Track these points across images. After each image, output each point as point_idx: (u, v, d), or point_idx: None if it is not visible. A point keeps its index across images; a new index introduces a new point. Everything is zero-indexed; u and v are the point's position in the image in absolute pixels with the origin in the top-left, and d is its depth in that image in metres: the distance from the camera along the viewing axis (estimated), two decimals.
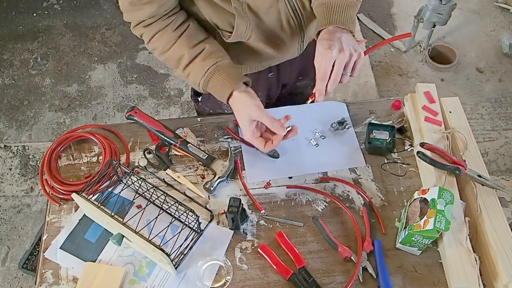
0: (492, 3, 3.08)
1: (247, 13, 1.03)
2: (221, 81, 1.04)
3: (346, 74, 0.95)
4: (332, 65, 0.92)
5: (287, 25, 1.12)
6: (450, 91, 2.65)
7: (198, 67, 1.05)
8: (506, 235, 0.96)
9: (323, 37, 0.95)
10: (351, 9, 0.99)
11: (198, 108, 1.43)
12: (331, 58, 0.91)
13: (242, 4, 1.00)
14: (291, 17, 1.11)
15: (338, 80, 0.94)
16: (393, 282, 0.97)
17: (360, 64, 0.96)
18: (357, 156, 1.17)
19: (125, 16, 1.05)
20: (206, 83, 1.05)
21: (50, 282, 0.99)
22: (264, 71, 1.27)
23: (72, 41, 2.92)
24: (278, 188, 1.12)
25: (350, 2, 1.00)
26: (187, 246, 1.01)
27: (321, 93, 0.95)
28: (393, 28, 2.99)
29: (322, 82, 0.93)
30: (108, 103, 2.64)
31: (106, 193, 1.10)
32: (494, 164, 2.38)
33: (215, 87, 1.05)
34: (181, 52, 1.05)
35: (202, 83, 1.06)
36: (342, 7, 0.98)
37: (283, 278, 0.98)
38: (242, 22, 1.04)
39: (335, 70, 0.92)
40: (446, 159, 1.06)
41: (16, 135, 2.51)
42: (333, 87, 0.95)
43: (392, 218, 1.07)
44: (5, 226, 2.17)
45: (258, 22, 1.07)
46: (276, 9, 1.06)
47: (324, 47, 0.91)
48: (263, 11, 1.05)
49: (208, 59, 1.05)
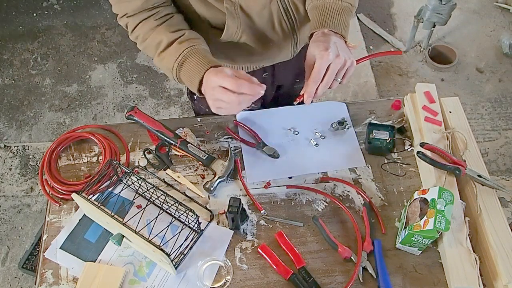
0: (492, 3, 3.08)
1: (239, 14, 1.03)
2: (193, 64, 0.98)
3: (337, 80, 0.95)
4: (326, 68, 0.91)
5: (279, 27, 1.12)
6: (450, 91, 2.65)
7: (173, 50, 1.00)
8: (506, 235, 0.96)
9: (318, 39, 0.94)
10: (345, 15, 0.99)
11: (194, 107, 1.43)
12: (327, 60, 0.90)
13: (235, 4, 1.00)
14: (283, 19, 1.10)
15: (330, 84, 0.93)
16: (393, 282, 0.97)
17: (351, 72, 0.96)
18: (357, 156, 1.17)
19: (113, 8, 1.04)
20: (179, 67, 0.99)
21: (50, 282, 0.99)
22: (259, 71, 1.27)
23: (72, 41, 2.92)
24: (278, 188, 1.12)
25: (345, 7, 0.99)
26: (187, 246, 1.01)
27: (311, 95, 0.94)
28: (393, 28, 2.99)
29: (314, 84, 0.92)
30: (108, 103, 2.64)
31: (106, 193, 1.10)
32: (494, 164, 2.38)
33: (188, 71, 0.99)
34: (159, 38, 1.02)
35: (176, 67, 1.00)
36: (336, 11, 0.98)
37: (283, 278, 0.98)
38: (233, 23, 1.04)
39: (329, 73, 0.91)
40: (446, 159, 1.06)
41: (16, 135, 2.51)
42: (323, 90, 0.94)
43: (392, 218, 1.07)
44: (5, 226, 2.17)
45: (249, 23, 1.07)
46: (268, 11, 1.06)
47: (320, 49, 0.91)
48: (255, 12, 1.04)
49: (185, 42, 1.00)
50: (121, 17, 1.05)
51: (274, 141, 1.19)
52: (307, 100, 0.95)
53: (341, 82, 0.96)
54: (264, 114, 1.25)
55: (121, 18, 1.06)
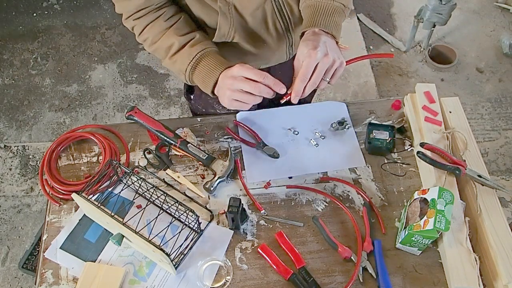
0: (492, 3, 3.08)
1: (232, 13, 1.03)
2: (208, 66, 1.00)
3: (325, 80, 0.94)
4: (314, 67, 0.90)
5: (273, 27, 1.11)
6: (450, 91, 2.65)
7: (186, 53, 1.03)
8: (506, 235, 0.96)
9: (308, 38, 0.94)
10: (338, 16, 0.99)
11: (191, 107, 1.43)
12: (315, 59, 0.89)
13: (229, 4, 1.00)
14: (277, 20, 1.10)
15: (317, 84, 0.93)
16: (393, 282, 0.97)
17: (340, 72, 0.95)
18: (357, 156, 1.17)
19: (116, 7, 1.04)
20: (193, 69, 1.02)
21: (50, 282, 0.99)
22: None
23: (72, 41, 2.92)
24: (278, 188, 1.12)
25: (337, 8, 0.99)
26: (187, 246, 1.01)
27: (298, 94, 0.93)
28: (393, 28, 2.99)
29: (301, 83, 0.92)
30: (108, 103, 2.64)
31: (106, 193, 1.10)
32: (494, 164, 2.38)
33: (202, 73, 1.01)
34: (171, 41, 1.03)
35: (189, 69, 1.03)
36: (328, 11, 0.98)
37: (283, 278, 0.98)
38: (225, 23, 1.04)
39: (317, 72, 0.91)
40: (446, 159, 1.06)
41: (16, 135, 2.51)
42: (311, 90, 0.94)
43: (392, 218, 1.07)
44: (5, 226, 2.17)
45: (242, 23, 1.07)
46: (262, 11, 1.06)
47: (309, 47, 0.90)
48: (249, 12, 1.04)
49: (198, 45, 1.02)
50: (127, 19, 1.06)
51: (274, 141, 1.19)
52: (294, 99, 0.95)
53: (329, 82, 0.95)
54: (264, 114, 1.25)
55: (126, 20, 1.06)
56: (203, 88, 1.04)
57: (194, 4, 1.04)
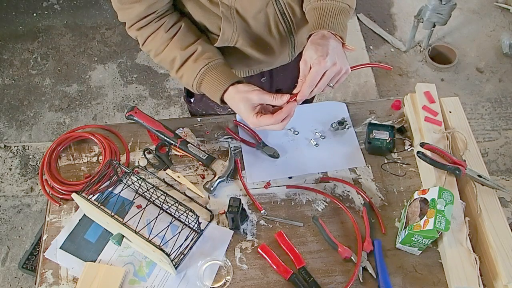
0: (492, 3, 3.09)
1: (234, 18, 1.03)
2: (213, 81, 1.02)
3: (329, 85, 0.95)
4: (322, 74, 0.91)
5: (276, 30, 1.11)
6: (450, 91, 2.65)
7: (190, 69, 1.04)
8: (506, 235, 0.96)
9: (317, 42, 0.94)
10: (343, 16, 0.99)
11: (191, 109, 1.43)
12: (324, 67, 0.90)
13: (231, 8, 1.00)
14: (280, 23, 1.10)
15: (322, 89, 0.94)
16: (393, 282, 0.97)
17: (344, 78, 0.97)
18: (357, 156, 1.17)
19: (119, 16, 1.04)
20: (199, 84, 1.04)
21: (50, 282, 0.99)
22: (256, 76, 1.27)
23: (72, 41, 2.92)
24: (278, 188, 1.12)
25: (343, 9, 0.99)
26: (187, 246, 1.01)
27: (304, 98, 0.94)
28: (393, 28, 2.99)
29: (308, 88, 0.93)
30: (108, 103, 2.64)
31: (106, 193, 1.10)
32: (494, 164, 2.38)
33: (208, 88, 1.03)
34: (173, 55, 1.04)
35: (195, 85, 1.05)
36: (334, 13, 0.98)
37: (283, 278, 0.98)
38: (229, 27, 1.04)
39: (324, 79, 0.92)
40: (446, 159, 1.06)
41: (16, 135, 2.51)
42: (316, 94, 0.96)
43: (392, 218, 1.07)
44: (5, 226, 2.17)
45: (245, 27, 1.07)
46: (264, 14, 1.06)
47: (319, 53, 0.91)
48: (251, 16, 1.04)
49: (200, 60, 1.03)
50: (129, 28, 1.06)
51: (274, 141, 1.19)
52: (298, 101, 0.96)
53: (332, 86, 0.97)
54: None
55: (129, 29, 1.06)
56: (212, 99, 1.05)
57: (196, 11, 1.04)
